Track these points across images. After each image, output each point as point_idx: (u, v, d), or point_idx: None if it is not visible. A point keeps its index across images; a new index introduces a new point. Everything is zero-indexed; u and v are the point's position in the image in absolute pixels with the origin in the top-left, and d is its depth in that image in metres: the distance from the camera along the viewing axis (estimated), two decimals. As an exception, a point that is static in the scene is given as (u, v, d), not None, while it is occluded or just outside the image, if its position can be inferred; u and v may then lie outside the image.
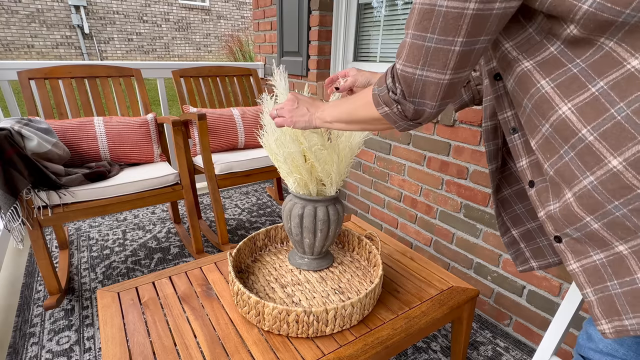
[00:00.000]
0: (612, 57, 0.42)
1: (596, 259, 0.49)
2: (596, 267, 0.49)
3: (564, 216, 0.50)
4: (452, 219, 1.49)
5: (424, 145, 1.53)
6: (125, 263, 1.70)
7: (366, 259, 1.10)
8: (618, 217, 0.44)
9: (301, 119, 0.77)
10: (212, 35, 10.65)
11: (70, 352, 1.21)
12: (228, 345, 0.79)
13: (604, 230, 0.46)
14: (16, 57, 8.13)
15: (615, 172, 0.43)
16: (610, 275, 0.48)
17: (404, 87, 0.52)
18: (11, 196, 1.19)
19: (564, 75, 0.46)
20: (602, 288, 0.49)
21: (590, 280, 0.51)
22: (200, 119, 1.60)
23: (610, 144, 0.43)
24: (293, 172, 0.91)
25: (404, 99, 0.53)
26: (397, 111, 0.55)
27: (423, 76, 0.50)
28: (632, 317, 0.46)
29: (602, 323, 0.50)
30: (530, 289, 1.27)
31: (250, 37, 9.06)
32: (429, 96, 0.51)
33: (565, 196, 0.49)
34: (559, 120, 0.47)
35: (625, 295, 0.46)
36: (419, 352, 1.26)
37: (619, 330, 0.48)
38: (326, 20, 1.96)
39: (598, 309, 0.50)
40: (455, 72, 0.49)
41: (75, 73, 1.71)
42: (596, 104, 0.43)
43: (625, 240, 0.45)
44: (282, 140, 0.89)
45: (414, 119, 0.56)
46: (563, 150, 0.48)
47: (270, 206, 2.36)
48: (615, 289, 0.48)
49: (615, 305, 0.48)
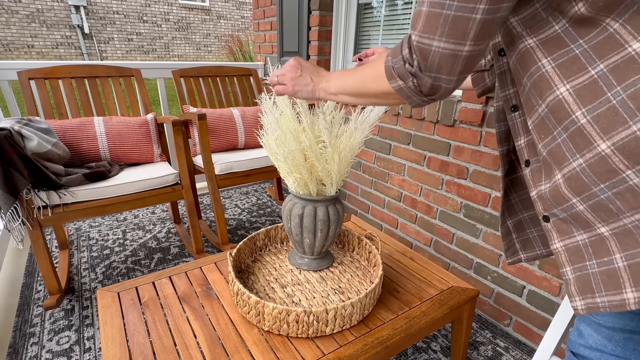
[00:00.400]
0: (615, 39, 0.42)
1: (579, 239, 0.51)
2: (578, 247, 0.51)
3: (553, 197, 0.52)
4: (452, 219, 1.49)
5: (424, 145, 1.53)
6: (125, 263, 1.70)
7: (366, 259, 1.10)
8: (602, 199, 0.45)
9: (304, 89, 0.72)
10: (212, 35, 10.65)
11: (70, 352, 1.21)
12: (228, 345, 0.79)
13: (588, 212, 0.48)
14: (16, 57, 8.13)
15: (603, 156, 0.44)
16: (590, 255, 0.50)
17: (420, 60, 0.49)
18: (11, 196, 1.19)
19: (565, 55, 0.46)
20: (581, 267, 0.51)
21: (570, 259, 0.53)
22: (200, 119, 1.60)
23: (601, 128, 0.43)
24: (293, 172, 0.91)
25: (421, 72, 0.50)
26: (413, 85, 0.52)
27: (441, 48, 0.47)
28: (604, 295, 0.48)
29: (576, 300, 0.52)
30: (530, 289, 1.27)
31: (250, 37, 9.06)
32: (446, 70, 0.49)
33: (555, 177, 0.50)
34: (556, 101, 0.47)
35: (601, 274, 0.48)
36: (419, 352, 1.26)
37: (590, 307, 0.50)
38: (326, 20, 1.96)
39: (574, 287, 0.52)
40: (475, 43, 0.46)
41: (75, 73, 1.71)
42: (594, 87, 0.44)
43: (607, 222, 0.47)
44: (282, 139, 0.89)
45: (429, 95, 0.53)
46: (556, 132, 0.49)
47: (270, 206, 2.36)
48: (593, 269, 0.49)
49: (591, 284, 0.50)
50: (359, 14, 1.91)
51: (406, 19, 1.66)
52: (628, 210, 0.44)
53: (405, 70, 0.52)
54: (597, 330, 0.60)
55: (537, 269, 1.24)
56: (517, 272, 1.30)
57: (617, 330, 0.57)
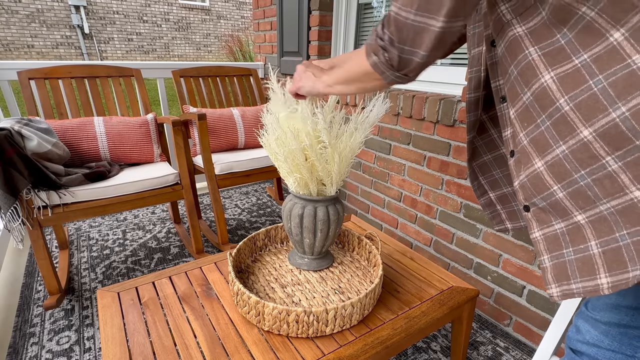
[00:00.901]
0: (595, 28, 0.42)
1: (557, 228, 0.53)
2: (556, 235, 0.53)
3: (533, 185, 0.53)
4: (452, 219, 1.49)
5: (424, 145, 1.53)
6: (125, 263, 1.70)
7: (366, 259, 1.10)
8: (582, 186, 0.47)
9: (306, 84, 0.76)
10: (212, 35, 10.65)
11: (70, 352, 1.21)
12: (228, 345, 0.79)
13: (567, 199, 0.49)
14: (16, 57, 8.13)
15: (585, 142, 0.45)
16: (567, 243, 0.51)
17: (395, 32, 0.50)
18: (11, 196, 1.19)
19: (552, 45, 0.47)
20: (558, 255, 0.53)
21: (548, 248, 0.55)
22: (200, 119, 1.60)
23: (583, 115, 0.44)
24: (293, 172, 0.91)
25: (391, 45, 0.52)
26: (384, 59, 0.54)
27: (416, 21, 0.48)
28: (579, 281, 0.50)
29: (552, 287, 0.54)
30: (530, 289, 1.27)
31: (250, 37, 9.06)
32: (418, 43, 0.50)
33: (535, 165, 0.52)
34: (541, 89, 0.48)
35: (576, 261, 0.50)
36: (419, 352, 1.26)
37: (566, 293, 0.52)
38: (326, 20, 1.96)
39: (551, 274, 0.54)
40: (448, 20, 0.47)
41: (75, 73, 1.71)
42: (577, 75, 0.44)
43: (584, 209, 0.48)
44: (283, 138, 0.89)
45: (400, 69, 0.54)
46: (540, 120, 0.50)
47: (270, 206, 2.36)
48: (570, 256, 0.51)
49: (567, 271, 0.52)
50: (359, 14, 1.91)
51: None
52: (605, 197, 0.45)
53: (376, 44, 0.53)
54: (594, 326, 0.61)
55: (537, 269, 1.24)
56: (517, 272, 1.30)
57: (613, 325, 0.59)
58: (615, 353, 0.59)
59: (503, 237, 1.32)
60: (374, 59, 0.56)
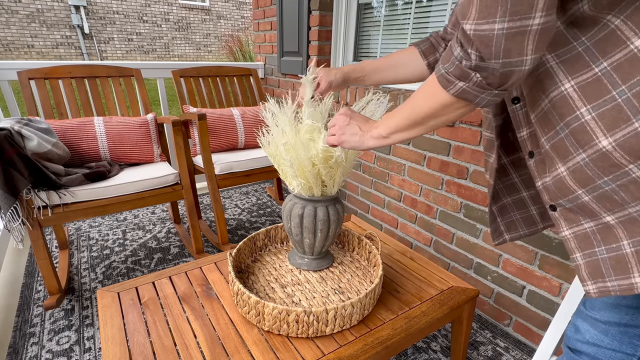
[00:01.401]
0: (617, 36, 0.42)
1: (587, 227, 0.52)
2: (586, 234, 0.53)
3: (557, 188, 0.53)
4: (452, 219, 1.49)
5: (424, 145, 1.53)
6: (125, 263, 1.70)
7: (366, 259, 1.10)
8: (607, 191, 0.47)
9: (351, 139, 0.70)
10: (212, 35, 10.65)
11: (70, 352, 1.21)
12: (228, 345, 0.79)
13: (593, 202, 0.49)
14: (16, 57, 8.13)
15: (604, 152, 0.45)
16: (599, 241, 0.51)
17: (481, 49, 0.44)
18: (11, 196, 1.19)
19: (569, 52, 0.46)
20: (590, 253, 0.52)
21: (580, 246, 0.54)
22: (200, 119, 1.60)
23: (605, 125, 0.44)
24: (298, 177, 0.90)
25: (484, 62, 0.45)
26: (478, 81, 0.47)
27: (505, 29, 0.41)
28: (614, 279, 0.50)
29: (588, 284, 0.54)
30: (530, 289, 1.27)
31: (250, 37, 9.06)
32: (515, 52, 0.43)
33: (559, 170, 0.52)
34: (560, 97, 0.48)
35: (610, 260, 0.50)
36: (419, 352, 1.26)
37: (602, 290, 0.52)
38: (326, 20, 1.96)
39: (585, 272, 0.54)
40: (547, 13, 0.40)
41: (75, 73, 1.71)
42: (598, 85, 0.44)
43: (613, 211, 0.48)
44: (292, 143, 0.88)
45: (500, 85, 0.47)
46: (559, 127, 0.49)
47: (270, 206, 2.36)
48: (602, 254, 0.51)
49: (601, 269, 0.51)
50: (359, 14, 1.91)
51: (406, 19, 1.66)
52: (632, 201, 0.45)
53: (463, 68, 0.47)
54: (594, 325, 0.61)
55: (537, 269, 1.24)
56: (517, 272, 1.30)
57: (612, 325, 0.59)
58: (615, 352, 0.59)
59: (503, 237, 1.32)
60: (460, 86, 0.49)
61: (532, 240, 1.23)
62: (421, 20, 1.60)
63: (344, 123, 0.71)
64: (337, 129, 0.72)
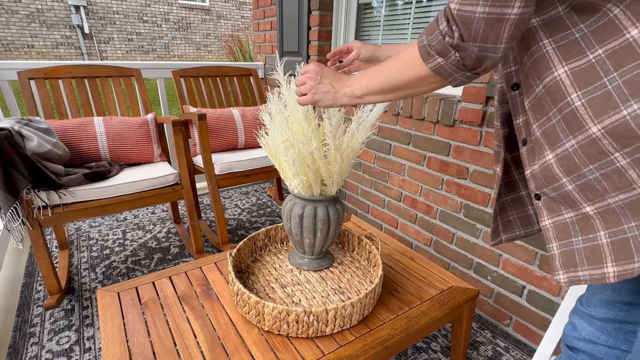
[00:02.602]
0: (614, 25, 0.42)
1: (567, 217, 0.54)
2: (565, 224, 0.54)
3: (544, 176, 0.54)
4: (452, 219, 1.49)
5: (424, 145, 1.53)
6: (125, 263, 1.70)
7: (366, 259, 1.10)
8: (590, 180, 0.48)
9: (325, 97, 0.69)
10: (212, 35, 10.65)
11: (70, 352, 1.21)
12: (228, 345, 0.79)
13: (576, 191, 0.50)
14: (16, 57, 8.13)
15: (593, 139, 0.45)
16: (577, 232, 0.52)
17: (462, 29, 0.45)
18: (11, 196, 1.19)
19: (566, 38, 0.47)
20: (567, 243, 0.54)
21: (557, 236, 0.55)
22: (200, 119, 1.60)
23: (594, 111, 0.45)
24: (300, 174, 0.90)
25: (463, 42, 0.46)
26: (455, 60, 0.48)
27: (485, 13, 0.43)
28: (586, 269, 0.51)
29: (560, 274, 0.55)
30: (530, 289, 1.27)
31: (250, 37, 9.06)
32: (492, 37, 0.45)
33: (547, 157, 0.52)
34: (553, 82, 0.48)
35: (585, 250, 0.51)
36: (419, 352, 1.26)
37: (572, 279, 0.53)
38: (326, 20, 1.96)
39: (559, 261, 0.55)
40: (525, 4, 0.42)
41: (75, 73, 1.71)
42: (591, 71, 0.44)
43: (593, 202, 0.49)
44: (292, 140, 0.88)
45: (474, 69, 0.49)
46: (551, 113, 0.50)
47: (270, 206, 2.36)
48: (578, 244, 0.52)
49: (575, 259, 0.53)
50: (359, 14, 1.91)
51: (406, 19, 1.66)
52: (613, 191, 0.46)
53: (445, 44, 0.48)
54: (590, 322, 0.62)
55: (537, 269, 1.24)
56: (517, 272, 1.30)
57: (608, 321, 0.60)
58: (611, 349, 0.60)
59: (503, 237, 1.32)
60: (438, 62, 0.50)
61: (532, 240, 1.23)
62: (421, 20, 1.60)
63: (314, 82, 0.69)
64: (308, 87, 0.70)
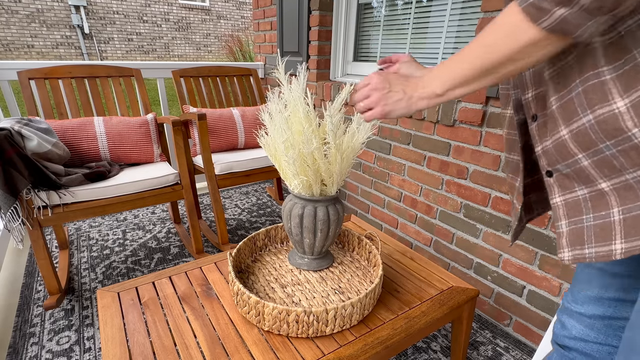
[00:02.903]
0: None
1: (580, 194, 0.51)
2: (577, 201, 0.52)
3: (558, 152, 0.52)
4: (452, 219, 1.49)
5: (424, 145, 1.53)
6: (125, 263, 1.70)
7: (366, 259, 1.10)
8: (607, 156, 0.46)
9: (397, 107, 0.61)
10: (212, 35, 10.64)
11: (70, 352, 1.21)
12: (228, 345, 0.79)
13: (592, 167, 0.48)
14: (16, 57, 8.13)
15: (615, 113, 0.43)
16: (589, 209, 0.50)
17: None
18: (11, 196, 1.19)
19: None
20: (577, 220, 0.52)
21: (568, 213, 0.53)
22: (200, 119, 1.60)
23: (623, 85, 0.42)
24: (300, 174, 0.90)
25: None
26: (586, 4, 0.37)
27: None
28: (593, 246, 0.50)
29: (565, 252, 0.53)
30: (530, 289, 1.27)
31: (250, 37, 9.06)
32: None
33: (561, 132, 0.50)
34: (586, 51, 0.45)
35: (595, 227, 0.50)
36: (419, 352, 1.26)
37: (577, 257, 0.52)
38: (326, 20, 1.96)
39: (566, 239, 0.54)
40: None
41: (75, 73, 1.71)
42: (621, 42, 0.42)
43: (610, 177, 0.47)
44: (292, 140, 0.88)
45: (614, 9, 0.37)
46: (574, 84, 0.47)
47: (270, 206, 2.36)
48: (589, 222, 0.50)
49: (583, 236, 0.51)
50: (359, 14, 1.91)
51: (406, 19, 1.66)
52: (631, 167, 0.45)
53: None
54: (579, 320, 0.62)
55: (537, 269, 1.24)
56: (517, 272, 1.30)
57: (597, 318, 0.60)
58: (602, 345, 0.60)
59: (503, 237, 1.32)
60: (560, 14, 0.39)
61: (532, 240, 1.23)
62: (421, 20, 1.60)
63: (382, 92, 0.61)
64: (375, 100, 0.62)
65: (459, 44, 1.47)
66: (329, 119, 0.84)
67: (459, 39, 1.46)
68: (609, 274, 0.59)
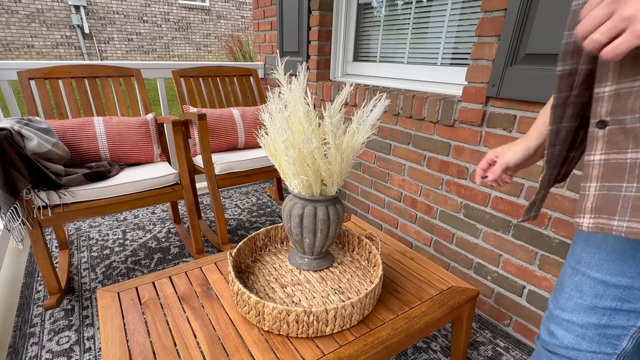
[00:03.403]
0: None
1: (629, 158, 0.46)
2: (621, 166, 0.46)
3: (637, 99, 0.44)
4: (452, 219, 1.49)
5: (424, 145, 1.53)
6: (125, 263, 1.70)
7: (366, 259, 1.10)
8: None
9: None
10: (212, 35, 10.64)
11: (70, 352, 1.21)
12: (228, 345, 0.79)
13: None
14: (16, 57, 8.12)
15: None
16: (634, 177, 0.45)
17: None
18: (11, 196, 1.19)
19: None
20: (613, 187, 0.47)
21: (604, 175, 0.48)
22: (200, 119, 1.60)
23: None
24: (300, 174, 0.90)
25: None
26: None
27: None
28: (627, 219, 0.45)
29: (585, 217, 0.49)
30: (530, 289, 1.27)
31: (250, 37, 9.06)
32: None
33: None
34: None
35: (635, 199, 0.45)
36: (419, 352, 1.26)
37: (601, 227, 0.47)
38: (326, 20, 1.96)
39: (591, 203, 0.48)
40: None
41: (75, 73, 1.71)
42: None
43: None
44: (292, 140, 0.88)
45: None
46: None
47: (270, 206, 2.36)
48: (629, 191, 0.45)
49: (616, 206, 0.46)
50: (359, 14, 1.91)
51: (406, 19, 1.66)
52: None
53: None
54: (569, 329, 0.59)
55: (537, 269, 1.24)
56: (517, 272, 1.30)
57: (590, 327, 0.57)
58: (595, 354, 0.57)
59: (503, 237, 1.32)
60: None
61: (532, 240, 1.23)
62: (421, 20, 1.60)
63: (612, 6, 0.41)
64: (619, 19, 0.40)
65: (459, 44, 1.47)
66: (328, 119, 0.84)
67: (459, 39, 1.46)
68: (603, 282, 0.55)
